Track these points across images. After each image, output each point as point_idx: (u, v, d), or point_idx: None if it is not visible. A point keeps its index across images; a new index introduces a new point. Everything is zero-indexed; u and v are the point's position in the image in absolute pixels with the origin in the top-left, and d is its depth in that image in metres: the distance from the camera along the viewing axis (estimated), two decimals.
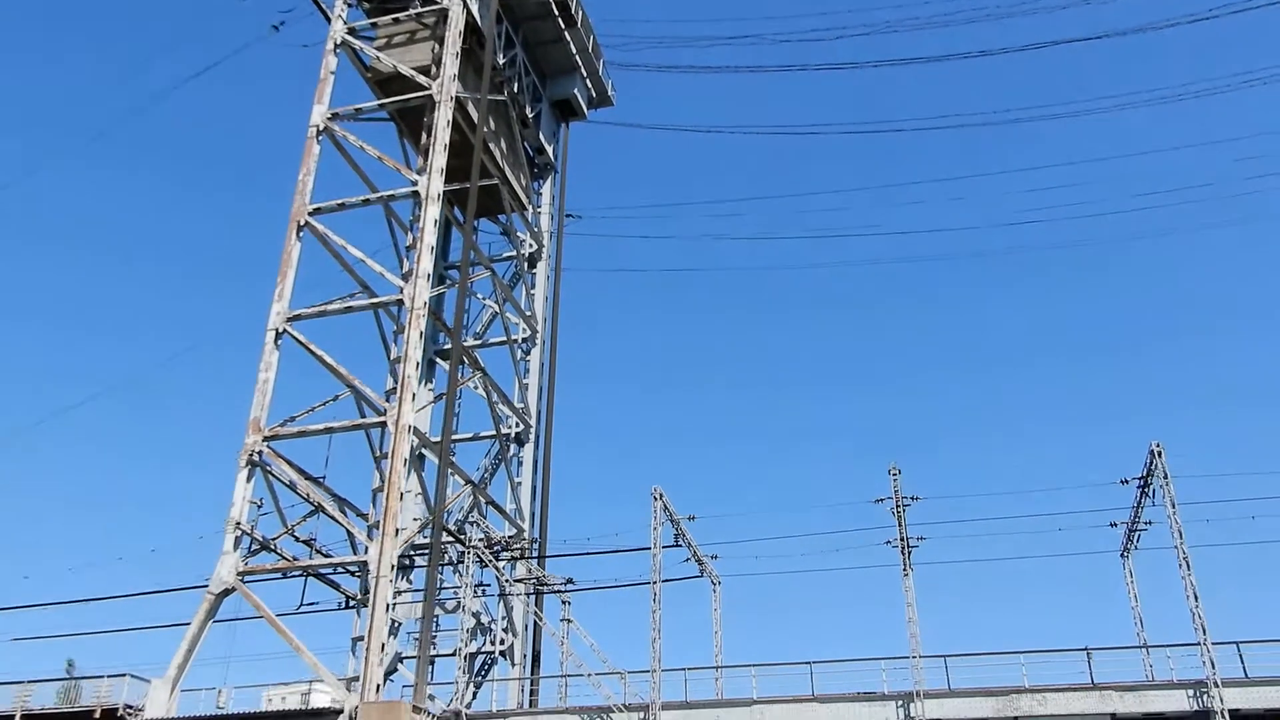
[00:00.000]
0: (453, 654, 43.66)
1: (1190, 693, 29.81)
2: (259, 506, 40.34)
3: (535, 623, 45.62)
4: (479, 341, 52.55)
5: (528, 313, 53.46)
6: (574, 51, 56.40)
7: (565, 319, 55.67)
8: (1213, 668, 29.58)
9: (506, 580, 44.04)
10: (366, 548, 39.51)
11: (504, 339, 52.26)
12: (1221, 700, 29.10)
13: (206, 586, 38.46)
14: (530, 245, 55.19)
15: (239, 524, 38.64)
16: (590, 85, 59.35)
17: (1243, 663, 30.27)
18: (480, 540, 40.38)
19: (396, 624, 45.70)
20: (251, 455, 39.73)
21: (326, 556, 41.30)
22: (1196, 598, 30.70)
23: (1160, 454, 33.12)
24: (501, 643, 45.75)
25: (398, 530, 37.48)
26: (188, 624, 38.44)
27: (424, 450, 45.62)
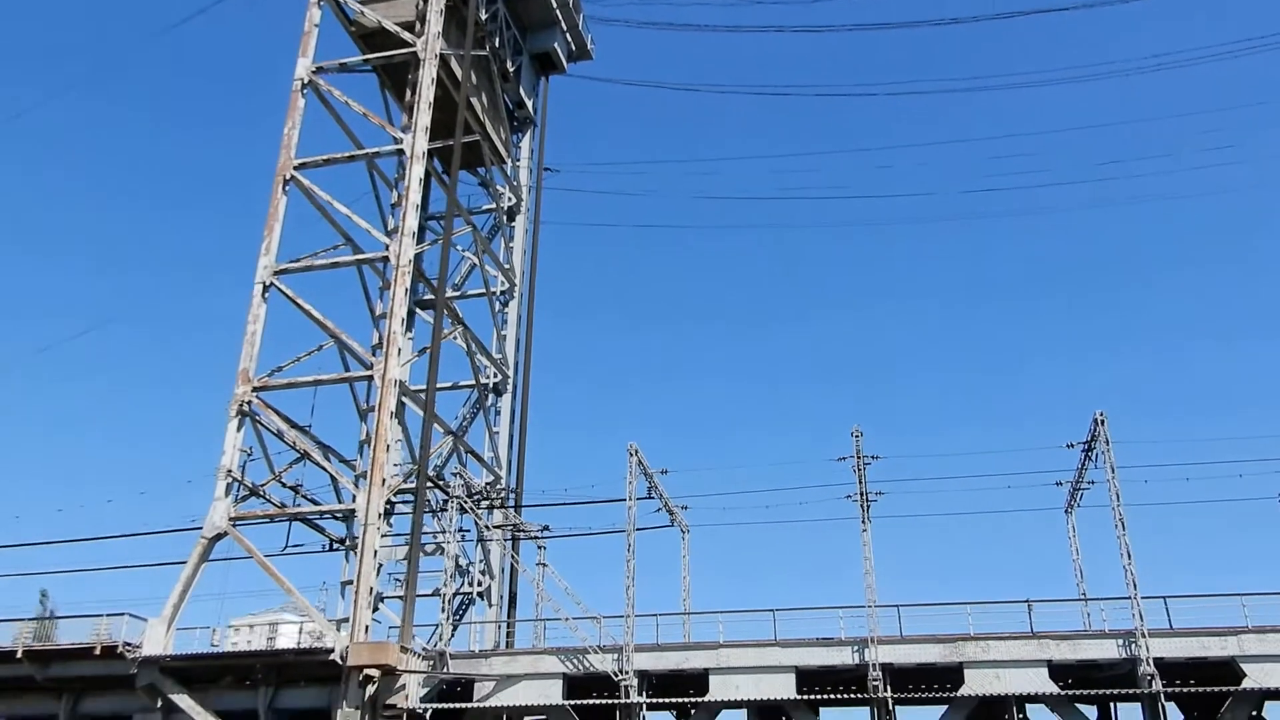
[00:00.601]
0: (432, 594, 45.81)
1: (1120, 642, 32.51)
2: (249, 455, 41.92)
3: (512, 566, 47.81)
4: (458, 293, 53.83)
5: (506, 266, 54.75)
6: (554, 5, 56.97)
7: (543, 272, 57.13)
8: (1141, 620, 32.24)
9: (485, 526, 46.04)
10: (354, 495, 41.35)
11: (482, 291, 53.58)
12: (1148, 649, 31.82)
13: (198, 529, 40.13)
14: (509, 199, 56.28)
15: (230, 471, 40.19)
16: (570, 39, 59.99)
17: (1168, 615, 33.03)
18: (460, 487, 42.20)
19: (379, 565, 47.64)
20: (241, 405, 41.14)
21: (313, 502, 43.03)
22: (1130, 555, 33.28)
23: (1103, 422, 35.48)
24: (479, 585, 47.92)
25: (384, 480, 39.21)
26: (178, 563, 40.25)
27: (405, 399, 47.19)
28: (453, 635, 45.87)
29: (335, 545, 46.24)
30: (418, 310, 53.37)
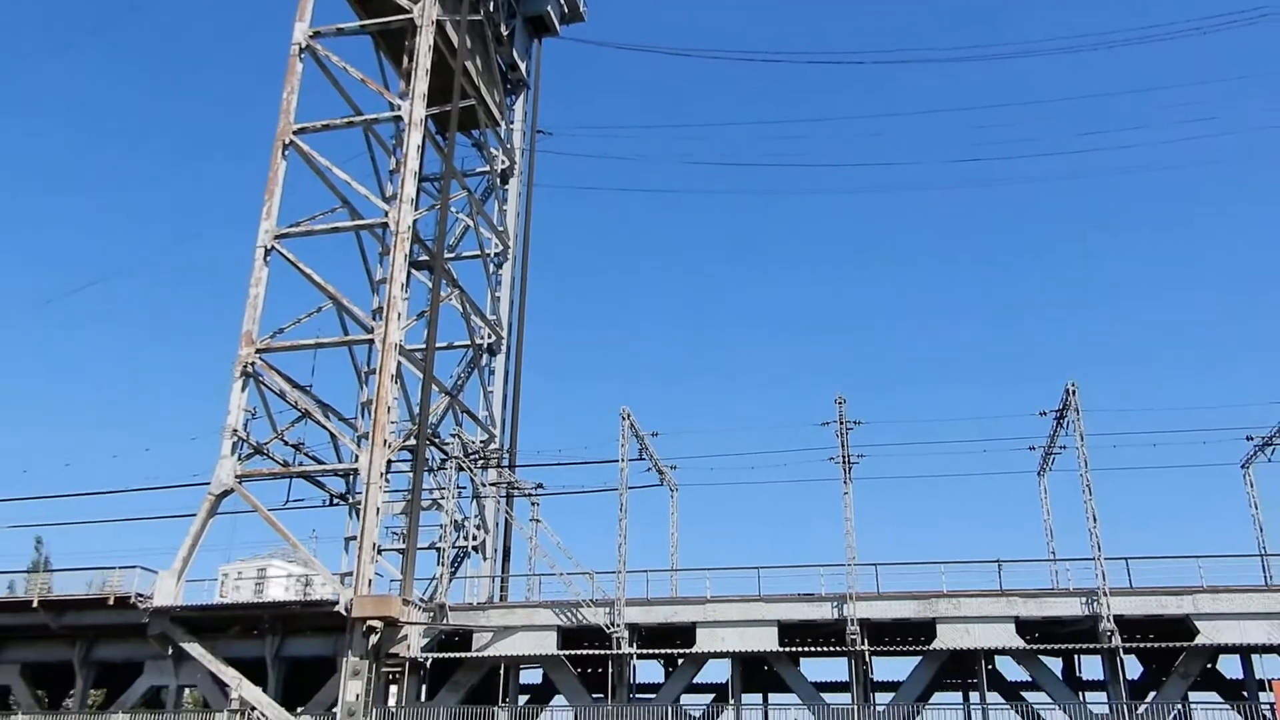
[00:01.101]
0: (428, 547, 47.60)
1: (1083, 600, 34.52)
2: (253, 414, 43.28)
3: (506, 521, 49.59)
4: (453, 255, 54.92)
5: (500, 228, 55.83)
6: None
7: (537, 234, 58.21)
8: (1103, 579, 34.23)
9: (481, 483, 47.69)
10: (353, 454, 42.90)
11: (477, 253, 54.67)
12: (1109, 607, 33.84)
13: (203, 484, 41.69)
14: (503, 161, 57.17)
15: (235, 431, 41.61)
16: (563, 2, 60.51)
17: (1129, 575, 35.06)
18: (458, 446, 43.77)
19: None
20: (245, 366, 42.45)
21: (316, 460, 44.52)
22: (1095, 519, 35.20)
23: (1074, 392, 37.21)
24: (473, 539, 49.68)
25: (386, 441, 40.72)
26: (182, 516, 41.93)
27: (403, 359, 48.54)
28: (448, 587, 47.75)
29: (336, 501, 47.81)
30: (413, 271, 54.46)
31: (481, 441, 50.40)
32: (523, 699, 40.88)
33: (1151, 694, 36.49)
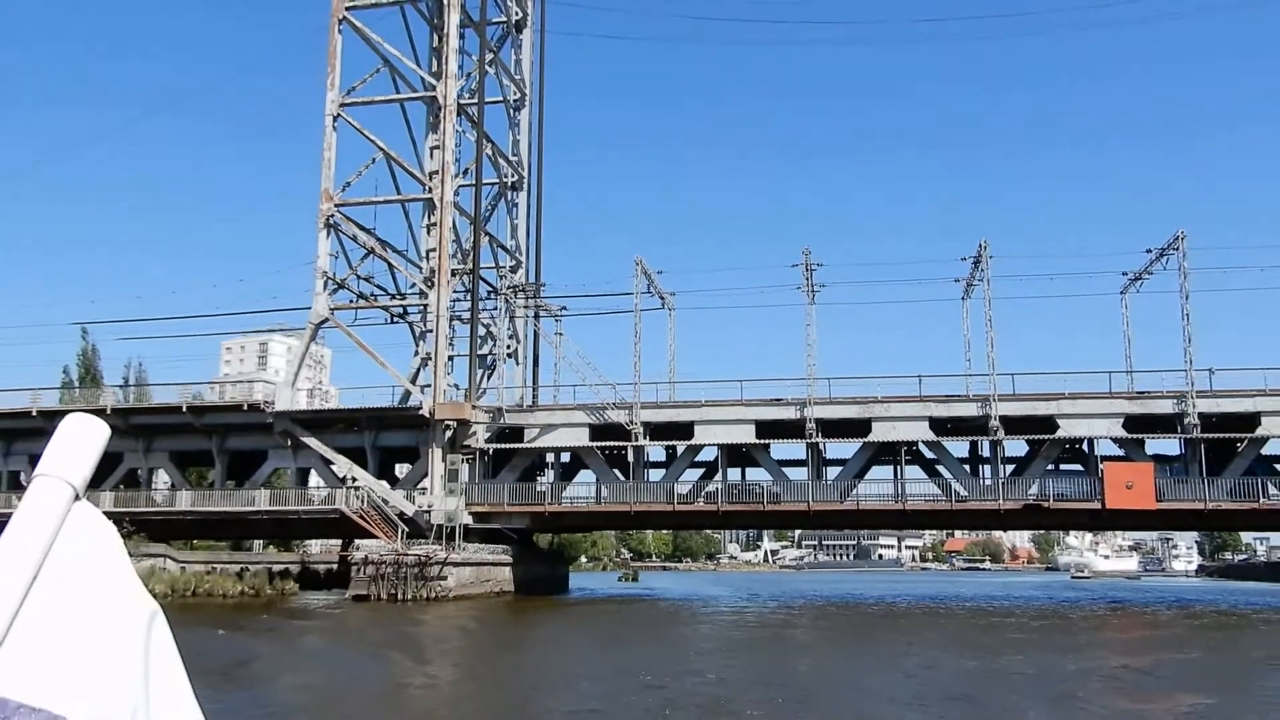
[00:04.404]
0: (465, 355, 59.20)
1: (979, 405, 46.93)
2: (334, 257, 53.55)
3: (535, 334, 61.08)
4: (473, 100, 63.26)
5: (517, 76, 63.93)
6: None
7: (556, 84, 66.31)
8: (994, 388, 46.53)
9: (518, 304, 58.79)
10: (414, 285, 53.63)
11: (500, 99, 63.02)
12: (995, 409, 46.29)
13: (299, 310, 52.66)
14: (516, 11, 64.41)
15: (324, 272, 52.11)
16: None
17: (1013, 384, 47.36)
18: (505, 281, 54.59)
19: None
20: (328, 218, 52.38)
21: (392, 294, 55.28)
22: (992, 345, 47.15)
23: (985, 246, 48.16)
24: (508, 348, 61.28)
25: (448, 280, 51.45)
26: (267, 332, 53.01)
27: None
28: (484, 389, 59.62)
29: (396, 320, 58.91)
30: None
31: (510, 268, 61.03)
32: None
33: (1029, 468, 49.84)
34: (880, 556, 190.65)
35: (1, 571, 1.01)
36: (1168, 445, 48.56)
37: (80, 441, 1.09)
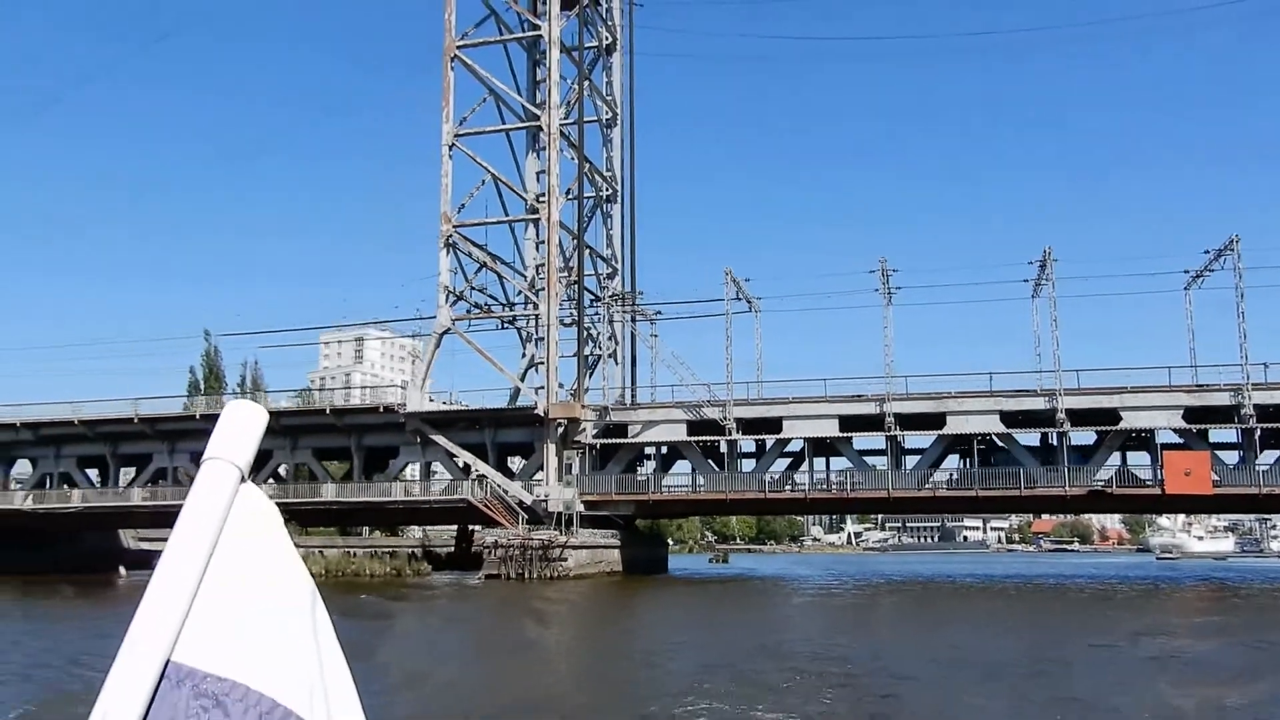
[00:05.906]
0: (571, 356, 64.89)
1: (1046, 399, 50.91)
2: (455, 274, 59.59)
3: (632, 337, 66.47)
4: (568, 120, 68.69)
5: (609, 96, 69.17)
6: None
7: (647, 103, 71.46)
8: (1059, 383, 50.46)
9: (618, 311, 64.24)
10: (524, 295, 59.40)
11: (594, 118, 68.30)
12: (1061, 402, 50.24)
13: (433, 318, 58.77)
14: (606, 36, 69.57)
15: (446, 286, 58.19)
16: None
17: (1078, 380, 51.27)
18: (608, 292, 60.04)
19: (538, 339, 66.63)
20: (448, 239, 58.43)
21: (505, 305, 61.21)
22: (1057, 343, 51.04)
23: (1050, 252, 52.00)
24: (607, 350, 66.84)
25: (557, 292, 57.10)
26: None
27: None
28: (587, 387, 65.10)
29: (505, 326, 64.83)
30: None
31: (607, 275, 66.48)
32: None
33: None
34: (965, 538, 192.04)
35: (181, 550, 1.08)
36: (1225, 434, 52.00)
37: (244, 426, 1.16)
